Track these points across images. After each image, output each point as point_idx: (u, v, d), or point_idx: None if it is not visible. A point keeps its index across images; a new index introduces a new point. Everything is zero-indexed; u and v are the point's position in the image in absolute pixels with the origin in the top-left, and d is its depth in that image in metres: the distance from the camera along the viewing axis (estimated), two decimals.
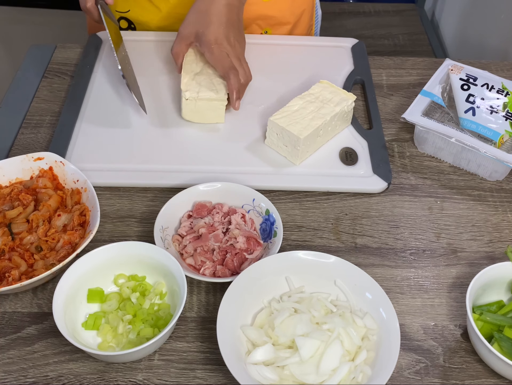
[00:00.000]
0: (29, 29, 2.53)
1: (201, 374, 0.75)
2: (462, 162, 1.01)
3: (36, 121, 1.07)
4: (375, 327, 0.76)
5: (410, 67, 1.22)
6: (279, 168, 0.99)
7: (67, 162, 0.91)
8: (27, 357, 0.76)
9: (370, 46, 1.35)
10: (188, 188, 0.91)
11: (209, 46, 1.01)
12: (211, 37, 1.01)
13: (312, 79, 1.12)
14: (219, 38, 1.01)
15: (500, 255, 0.89)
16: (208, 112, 1.03)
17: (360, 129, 1.06)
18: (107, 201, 0.94)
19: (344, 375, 0.71)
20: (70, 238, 0.84)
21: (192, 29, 1.03)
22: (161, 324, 0.77)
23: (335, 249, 0.89)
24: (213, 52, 1.01)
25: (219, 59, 1.01)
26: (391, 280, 0.86)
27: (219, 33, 1.01)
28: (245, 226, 0.88)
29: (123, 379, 0.74)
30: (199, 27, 1.02)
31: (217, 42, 1.01)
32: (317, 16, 1.35)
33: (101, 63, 1.17)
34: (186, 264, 0.85)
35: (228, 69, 1.01)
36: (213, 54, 1.01)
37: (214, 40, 1.01)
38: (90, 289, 0.80)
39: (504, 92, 0.98)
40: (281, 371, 0.72)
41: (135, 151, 1.00)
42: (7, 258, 0.81)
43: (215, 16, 1.02)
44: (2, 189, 0.90)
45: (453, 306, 0.83)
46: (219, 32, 1.01)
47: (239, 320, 0.76)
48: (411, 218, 0.94)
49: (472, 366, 0.77)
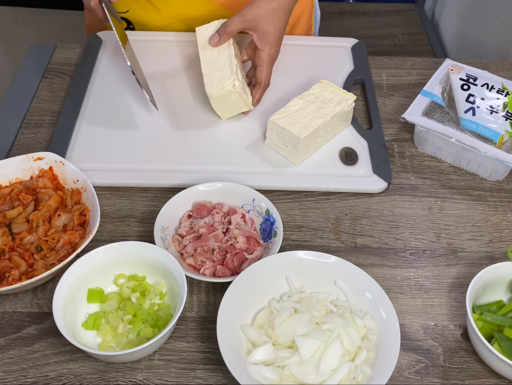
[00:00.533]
0: (29, 29, 2.53)
1: (201, 374, 0.75)
2: (462, 162, 1.01)
3: (36, 121, 1.07)
4: (375, 327, 0.76)
5: (410, 67, 1.22)
6: (279, 168, 0.99)
7: (67, 162, 0.91)
8: (27, 357, 0.76)
9: (370, 46, 1.35)
10: (188, 188, 0.91)
11: (270, 49, 1.00)
12: (274, 41, 1.00)
13: (312, 79, 1.12)
14: (278, 44, 1.01)
15: (500, 255, 0.89)
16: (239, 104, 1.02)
17: (360, 129, 1.06)
18: (107, 201, 0.94)
19: (344, 375, 0.71)
20: (70, 238, 0.84)
21: (259, 20, 0.99)
22: (161, 324, 0.77)
23: (335, 249, 0.89)
24: (269, 57, 1.01)
25: (268, 67, 1.02)
26: (391, 280, 0.86)
27: (280, 38, 1.01)
28: (245, 226, 0.88)
29: (123, 379, 0.74)
30: (266, 23, 0.99)
31: (275, 49, 1.01)
32: (316, 16, 1.35)
33: (101, 63, 1.17)
34: (186, 264, 0.85)
35: (267, 80, 1.03)
36: (267, 58, 1.01)
37: (275, 44, 1.01)
38: (90, 289, 0.80)
39: (504, 92, 0.98)
40: (281, 371, 0.72)
41: (135, 151, 1.00)
42: (7, 258, 0.81)
43: (282, 20, 1.01)
44: (2, 189, 0.90)
45: (453, 306, 0.83)
46: (280, 38, 1.01)
47: (239, 320, 0.76)
48: (411, 218, 0.94)
49: (472, 366, 0.77)
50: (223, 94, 0.99)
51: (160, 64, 1.17)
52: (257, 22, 0.99)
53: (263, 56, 1.01)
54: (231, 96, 0.99)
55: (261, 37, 1.00)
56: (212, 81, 1.00)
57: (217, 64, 1.01)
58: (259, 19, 0.99)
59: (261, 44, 1.00)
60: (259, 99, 1.05)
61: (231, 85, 0.98)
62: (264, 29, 0.99)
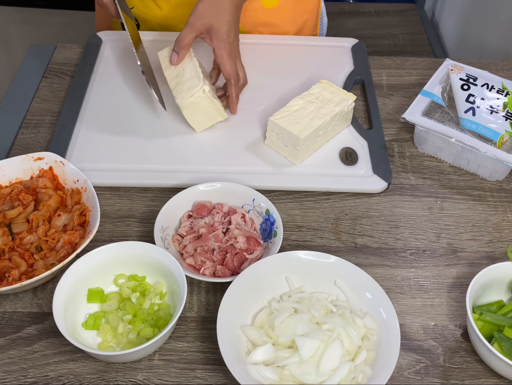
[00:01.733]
0: (29, 29, 2.53)
1: (201, 374, 0.75)
2: (462, 162, 1.01)
3: (36, 121, 1.07)
4: (375, 327, 0.76)
5: (410, 67, 1.22)
6: (279, 168, 0.99)
7: (67, 162, 0.91)
8: (27, 357, 0.76)
9: (370, 46, 1.35)
10: (188, 188, 0.91)
11: (224, 44, 0.99)
12: (225, 35, 0.98)
13: (312, 79, 1.12)
14: (230, 36, 0.99)
15: (500, 255, 0.89)
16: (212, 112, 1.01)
17: (360, 129, 1.06)
18: (107, 201, 0.94)
19: (344, 375, 0.71)
20: (70, 238, 0.84)
21: (205, 21, 0.99)
22: (161, 324, 0.77)
23: (335, 249, 0.89)
24: (225, 51, 0.99)
25: (228, 60, 1.00)
26: (391, 280, 0.86)
27: (231, 31, 0.99)
28: (245, 226, 0.88)
29: (123, 379, 0.74)
30: (213, 21, 0.98)
31: (229, 42, 0.99)
32: (323, 24, 1.34)
33: (101, 63, 1.17)
34: (186, 264, 0.85)
35: (233, 74, 1.01)
36: (224, 53, 0.99)
37: (227, 38, 0.99)
38: (90, 289, 0.80)
39: (504, 92, 0.98)
40: (281, 371, 0.72)
41: (135, 151, 1.00)
42: (7, 258, 0.81)
43: (228, 12, 0.99)
44: (2, 189, 0.90)
45: (453, 306, 0.83)
46: (231, 30, 0.99)
47: (239, 320, 0.76)
48: (411, 218, 0.94)
49: (472, 366, 0.77)
50: (194, 101, 0.98)
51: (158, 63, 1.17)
52: (204, 23, 0.98)
53: (219, 52, 0.99)
54: (202, 103, 0.98)
55: (212, 35, 0.99)
56: (181, 92, 0.99)
57: (183, 77, 1.00)
58: (204, 19, 0.98)
59: (214, 42, 0.99)
60: (237, 95, 1.03)
61: (200, 90, 0.97)
62: (213, 25, 0.98)
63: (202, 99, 0.98)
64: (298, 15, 1.25)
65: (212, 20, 0.98)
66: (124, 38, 1.22)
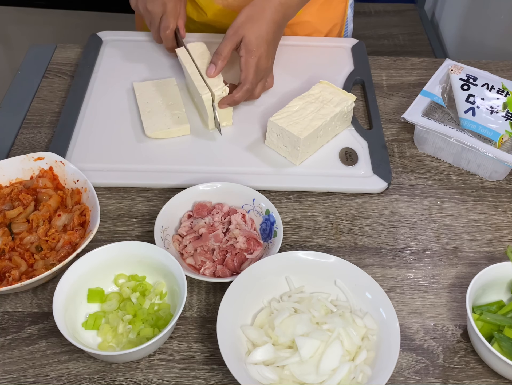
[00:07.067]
0: (29, 29, 2.53)
1: (201, 374, 0.75)
2: (462, 162, 1.01)
3: (36, 121, 1.07)
4: (375, 327, 0.76)
5: (410, 67, 1.22)
6: (279, 169, 0.99)
7: (67, 162, 0.91)
8: (27, 357, 0.76)
9: (370, 46, 1.35)
10: (188, 188, 0.91)
11: (251, 55, 1.00)
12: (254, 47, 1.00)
13: (312, 79, 1.12)
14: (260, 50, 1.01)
15: (500, 255, 0.89)
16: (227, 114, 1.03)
17: (360, 130, 1.06)
18: (107, 201, 0.94)
19: (344, 375, 0.71)
20: (70, 238, 0.84)
21: (240, 33, 1.01)
22: (161, 324, 0.77)
23: (335, 249, 0.89)
24: (250, 62, 1.00)
25: (249, 70, 1.00)
26: (391, 280, 0.86)
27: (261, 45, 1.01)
28: (245, 226, 0.88)
29: (123, 379, 0.74)
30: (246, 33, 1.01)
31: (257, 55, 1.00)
32: (347, 31, 1.35)
33: (101, 63, 1.17)
34: (186, 264, 0.85)
35: (248, 82, 1.01)
36: (248, 63, 1.00)
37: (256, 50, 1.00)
38: (90, 289, 0.80)
39: (504, 92, 0.98)
40: (281, 371, 0.72)
41: (135, 151, 1.00)
42: (7, 258, 0.81)
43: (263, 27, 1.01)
44: (2, 189, 0.90)
45: (453, 306, 0.83)
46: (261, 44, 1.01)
47: (239, 320, 0.76)
48: (411, 218, 0.94)
49: (472, 366, 0.77)
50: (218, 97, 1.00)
51: (161, 64, 1.17)
52: (239, 34, 1.01)
53: (243, 60, 1.01)
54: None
55: (243, 45, 1.01)
56: (205, 88, 1.00)
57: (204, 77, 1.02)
58: (240, 31, 1.01)
59: (241, 51, 1.01)
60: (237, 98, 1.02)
61: (221, 90, 0.99)
62: (245, 37, 1.00)
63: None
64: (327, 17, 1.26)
65: (246, 32, 1.01)
66: (124, 38, 1.22)
